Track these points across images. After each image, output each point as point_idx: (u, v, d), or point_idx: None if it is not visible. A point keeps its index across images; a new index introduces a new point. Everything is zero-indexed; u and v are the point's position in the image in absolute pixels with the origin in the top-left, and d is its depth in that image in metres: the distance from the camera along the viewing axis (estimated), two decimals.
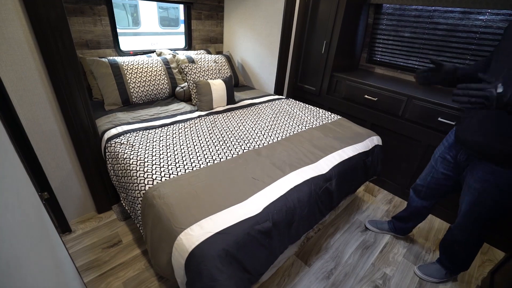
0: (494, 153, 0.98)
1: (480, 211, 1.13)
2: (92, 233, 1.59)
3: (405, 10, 2.19)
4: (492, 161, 1.01)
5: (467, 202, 1.17)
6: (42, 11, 1.14)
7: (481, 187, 1.08)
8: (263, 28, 2.49)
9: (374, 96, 2.06)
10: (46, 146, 1.38)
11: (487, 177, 1.04)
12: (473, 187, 1.11)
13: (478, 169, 1.08)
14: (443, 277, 1.45)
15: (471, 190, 1.13)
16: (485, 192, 1.07)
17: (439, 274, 1.46)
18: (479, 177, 1.08)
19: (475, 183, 1.10)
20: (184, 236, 0.91)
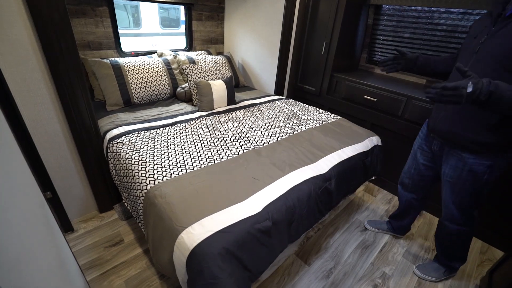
0: (463, 141, 1.04)
1: (461, 199, 1.17)
2: (94, 232, 1.60)
3: (405, 11, 2.20)
4: (462, 149, 1.06)
5: (447, 191, 1.21)
6: (45, 13, 1.16)
7: (456, 175, 1.13)
8: (264, 29, 2.51)
9: (374, 96, 2.07)
10: (49, 146, 1.40)
11: (459, 164, 1.09)
12: (449, 176, 1.16)
13: (451, 158, 1.13)
14: (441, 276, 1.47)
15: (448, 179, 1.17)
16: (461, 179, 1.12)
17: (438, 273, 1.47)
18: (452, 165, 1.13)
19: (451, 171, 1.15)
20: (186, 234, 0.92)
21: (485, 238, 1.80)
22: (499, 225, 1.70)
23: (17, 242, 0.41)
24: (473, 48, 0.99)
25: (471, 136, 1.01)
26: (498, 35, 0.90)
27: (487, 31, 0.96)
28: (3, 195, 0.43)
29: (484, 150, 1.01)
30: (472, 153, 1.04)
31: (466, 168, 1.08)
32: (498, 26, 0.92)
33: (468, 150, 1.05)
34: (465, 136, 1.03)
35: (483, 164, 1.04)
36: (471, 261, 1.65)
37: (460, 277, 1.54)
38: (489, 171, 1.04)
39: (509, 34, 0.87)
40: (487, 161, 1.03)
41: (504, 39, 0.89)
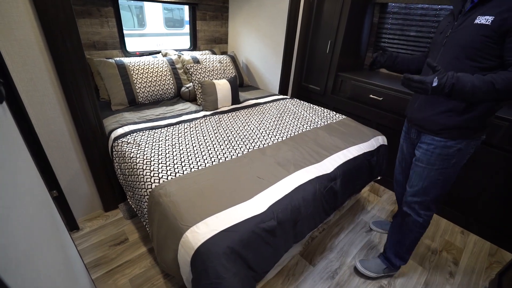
0: (434, 126, 1.13)
1: (427, 185, 1.20)
2: (99, 231, 1.61)
3: (411, 9, 2.17)
4: (434, 133, 1.14)
5: (414, 177, 1.24)
6: (52, 13, 1.17)
7: (426, 159, 1.18)
8: (268, 28, 2.50)
9: (379, 95, 2.05)
10: (55, 145, 1.41)
11: (430, 147, 1.16)
12: (419, 160, 1.21)
13: (423, 143, 1.19)
14: (380, 272, 1.45)
15: (418, 163, 1.22)
16: (429, 163, 1.17)
17: (377, 269, 1.46)
18: (424, 149, 1.19)
19: (421, 156, 1.20)
20: (190, 233, 0.92)
21: (493, 240, 1.77)
22: (509, 227, 1.67)
23: (24, 239, 0.41)
24: (441, 42, 1.10)
25: (442, 121, 1.10)
26: (460, 28, 1.02)
27: (451, 25, 1.07)
28: (10, 193, 0.43)
29: (454, 134, 1.09)
30: (443, 137, 1.11)
31: (436, 151, 1.14)
32: (460, 20, 1.03)
33: (439, 134, 1.12)
34: (436, 121, 1.12)
35: (452, 147, 1.11)
36: (479, 263, 1.62)
37: (468, 279, 1.52)
38: (457, 155, 1.12)
39: (468, 26, 0.99)
40: (457, 145, 1.10)
41: (464, 31, 1.00)
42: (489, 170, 1.64)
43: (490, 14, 0.92)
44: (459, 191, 1.81)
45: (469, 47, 0.98)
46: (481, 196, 1.72)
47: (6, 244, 0.33)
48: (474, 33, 0.96)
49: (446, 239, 1.79)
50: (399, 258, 1.41)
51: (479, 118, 1.05)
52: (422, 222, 1.28)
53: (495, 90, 0.89)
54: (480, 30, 0.94)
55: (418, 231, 1.32)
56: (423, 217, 1.27)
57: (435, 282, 1.49)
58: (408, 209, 1.30)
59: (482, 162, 1.64)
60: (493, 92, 0.89)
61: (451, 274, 1.54)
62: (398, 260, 1.42)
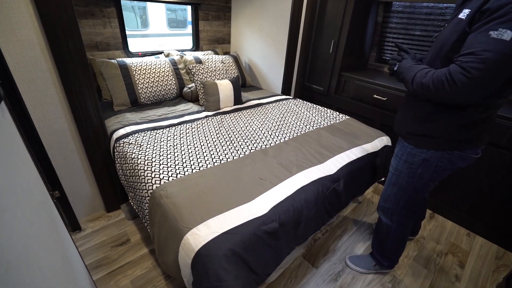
0: (402, 130, 1.09)
1: (396, 191, 1.17)
2: (101, 231, 1.61)
3: (416, 7, 2.14)
4: (403, 138, 1.10)
5: (387, 181, 1.21)
6: (54, 13, 1.17)
7: (395, 164, 1.15)
8: (270, 28, 2.49)
9: (383, 95, 2.02)
10: (57, 146, 1.41)
11: (399, 153, 1.12)
12: (391, 165, 1.18)
13: (396, 147, 1.16)
14: (371, 268, 1.44)
15: (390, 168, 1.19)
16: (397, 170, 1.13)
17: (368, 265, 1.44)
18: (396, 153, 1.16)
19: (393, 161, 1.18)
20: (191, 235, 0.91)
21: (501, 243, 1.73)
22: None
23: (17, 242, 0.40)
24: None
25: (408, 125, 1.05)
26: (448, 23, 0.93)
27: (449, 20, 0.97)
28: (6, 194, 0.42)
29: (419, 141, 1.02)
30: (410, 143, 1.06)
31: (403, 158, 1.09)
32: (453, 15, 0.93)
33: (406, 139, 1.07)
34: (404, 125, 1.07)
35: (418, 155, 1.04)
36: (486, 266, 1.59)
37: (475, 283, 1.48)
38: (423, 165, 1.04)
39: (452, 21, 0.88)
40: (421, 154, 1.03)
41: (448, 27, 0.90)
42: (497, 171, 1.61)
43: (469, 7, 0.81)
44: (465, 193, 1.77)
45: (444, 43, 0.89)
46: (488, 198, 1.69)
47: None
48: (452, 28, 0.86)
49: (451, 242, 1.76)
50: (386, 259, 1.39)
51: (449, 129, 0.94)
52: (395, 228, 1.24)
53: (421, 84, 0.86)
54: (455, 25, 0.84)
55: (394, 237, 1.28)
56: (396, 223, 1.23)
57: (441, 285, 1.46)
58: (380, 212, 1.29)
59: (489, 163, 1.61)
60: (419, 86, 0.87)
61: (457, 277, 1.51)
62: (386, 261, 1.40)
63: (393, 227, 1.25)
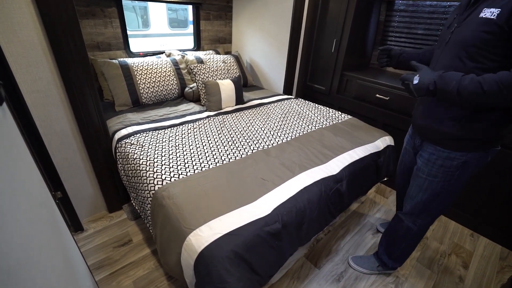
0: (436, 135, 1.03)
1: (427, 197, 1.13)
2: (103, 232, 1.61)
3: (419, 6, 2.13)
4: (436, 143, 1.05)
5: (415, 186, 1.17)
6: (55, 14, 1.16)
7: (427, 169, 1.09)
8: (272, 28, 2.47)
9: (386, 95, 2.01)
10: (59, 146, 1.41)
11: (432, 158, 1.07)
12: (421, 170, 1.12)
13: (425, 152, 1.10)
14: (374, 269, 1.44)
15: (419, 173, 1.13)
16: (431, 175, 1.09)
17: (371, 266, 1.44)
18: (425, 158, 1.10)
19: (423, 166, 1.11)
20: (193, 236, 0.90)
21: (505, 243, 1.71)
22: None
23: (18, 245, 0.39)
24: (445, 38, 0.99)
25: (444, 130, 0.99)
26: (465, 23, 0.90)
27: (457, 20, 0.95)
28: (7, 197, 0.41)
29: (457, 145, 0.98)
30: (446, 147, 1.01)
31: (438, 162, 1.05)
32: (467, 13, 0.91)
33: (442, 144, 1.02)
34: (439, 130, 1.01)
35: (456, 159, 1.00)
36: (490, 267, 1.58)
37: (479, 284, 1.47)
38: (462, 167, 1.01)
39: (472, 20, 0.86)
40: (461, 157, 0.99)
41: (467, 26, 0.88)
42: (503, 172, 1.59)
43: (496, 6, 0.79)
44: (469, 193, 1.76)
45: (469, 45, 0.86)
46: (493, 198, 1.67)
47: None
48: (475, 28, 0.84)
49: (455, 242, 1.74)
50: (393, 260, 1.38)
51: (489, 129, 0.92)
52: (416, 231, 1.23)
53: (483, 92, 0.78)
54: (482, 25, 0.82)
55: (411, 239, 1.27)
56: (419, 226, 1.21)
57: (444, 286, 1.45)
58: (403, 215, 1.26)
59: (495, 164, 1.59)
60: (481, 95, 0.79)
61: (460, 278, 1.50)
62: (391, 262, 1.39)
63: (414, 229, 1.22)
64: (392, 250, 1.36)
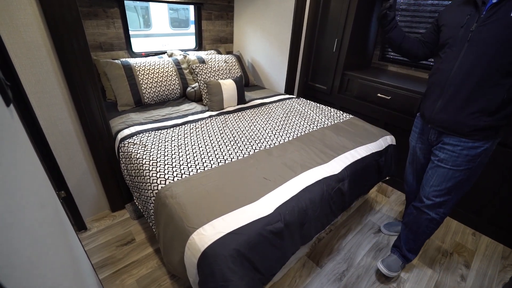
0: (463, 128, 1.08)
1: (451, 185, 1.18)
2: (106, 231, 1.62)
3: (420, 5, 2.12)
4: (461, 135, 1.10)
5: (436, 177, 1.22)
6: (59, 14, 1.18)
7: (452, 160, 1.15)
8: (273, 27, 2.48)
9: (388, 94, 2.01)
10: (63, 146, 1.43)
11: (457, 149, 1.13)
12: (444, 161, 1.18)
13: (448, 144, 1.16)
14: (399, 270, 1.45)
15: (443, 164, 1.18)
16: (456, 164, 1.14)
17: (397, 267, 1.44)
18: (449, 150, 1.15)
19: (447, 157, 1.17)
20: (197, 235, 0.91)
21: (507, 242, 1.72)
22: None
23: (27, 244, 0.40)
24: (464, 37, 1.02)
25: (472, 123, 1.06)
26: (490, 22, 0.94)
27: (475, 18, 0.99)
28: (17, 198, 0.42)
29: (483, 134, 1.06)
30: (471, 138, 1.09)
31: (464, 153, 1.12)
32: (489, 12, 0.94)
33: (468, 136, 1.09)
34: (466, 123, 1.07)
35: (480, 147, 1.09)
36: (492, 266, 1.58)
37: (481, 283, 1.47)
38: (483, 154, 1.10)
39: (502, 19, 0.90)
40: (484, 145, 1.08)
41: (498, 24, 0.92)
42: (504, 171, 1.59)
43: None
44: (471, 192, 1.76)
45: (504, 43, 0.91)
46: (495, 197, 1.67)
47: (11, 251, 0.33)
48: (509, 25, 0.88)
49: (457, 241, 1.75)
50: (412, 252, 1.43)
51: (507, 116, 1.03)
52: (438, 220, 1.29)
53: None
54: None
55: (433, 228, 1.32)
56: (441, 215, 1.27)
57: (446, 285, 1.45)
58: (426, 209, 1.29)
59: (497, 163, 1.59)
60: None
61: (462, 277, 1.50)
62: (411, 255, 1.43)
63: (437, 219, 1.28)
64: (414, 243, 1.40)
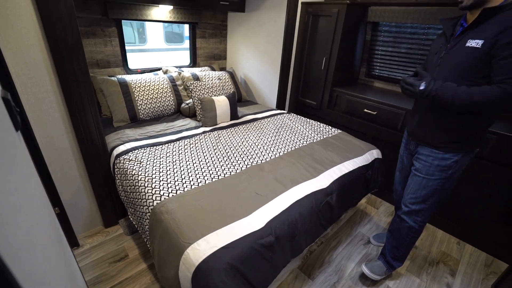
0: (434, 140, 1.21)
1: (425, 194, 1.28)
2: (99, 247, 1.62)
3: (401, 27, 2.28)
4: (433, 147, 1.23)
5: (413, 185, 1.32)
6: (61, 36, 1.24)
7: (425, 170, 1.26)
8: (265, 45, 2.60)
9: (374, 110, 2.12)
10: (59, 163, 1.45)
11: (429, 159, 1.24)
12: (419, 171, 1.29)
13: (422, 154, 1.28)
14: (383, 274, 1.51)
15: (418, 173, 1.30)
16: (428, 173, 1.25)
17: (381, 271, 1.51)
18: (423, 160, 1.27)
19: (421, 166, 1.28)
20: (191, 250, 0.95)
21: (489, 250, 1.79)
22: (503, 237, 1.70)
23: (31, 259, 0.44)
24: (435, 63, 1.19)
25: (441, 136, 1.18)
26: (453, 50, 1.11)
27: (444, 48, 1.16)
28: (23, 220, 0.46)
29: (452, 147, 1.18)
30: (441, 150, 1.20)
31: (435, 163, 1.23)
32: (452, 43, 1.13)
33: (437, 147, 1.21)
34: (435, 136, 1.20)
35: (450, 159, 1.19)
36: (476, 274, 1.64)
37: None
38: (454, 166, 1.20)
39: (460, 48, 1.08)
40: (454, 157, 1.19)
41: (457, 53, 1.09)
42: (482, 181, 1.69)
43: (480, 38, 1.02)
44: (455, 202, 1.85)
45: (462, 68, 1.07)
46: (475, 207, 1.76)
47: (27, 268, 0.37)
48: (466, 55, 1.06)
49: (442, 250, 1.81)
50: (397, 261, 1.49)
51: (475, 133, 1.14)
52: (417, 228, 1.36)
53: (472, 102, 1.00)
54: (471, 53, 1.04)
55: (413, 236, 1.39)
56: (419, 223, 1.35)
57: None
58: (404, 215, 1.38)
59: (475, 174, 1.69)
60: (470, 103, 1.00)
61: (448, 286, 1.56)
62: (396, 263, 1.49)
63: (415, 227, 1.36)
64: (397, 250, 1.47)
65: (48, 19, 1.18)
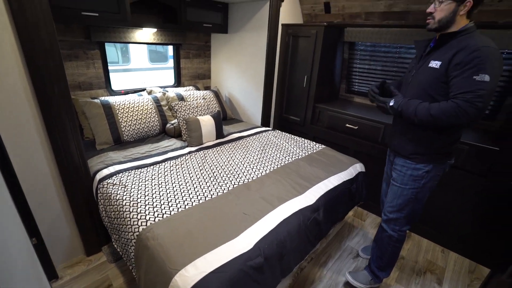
0: (405, 152, 1.30)
1: (401, 202, 1.34)
2: (80, 278, 1.54)
3: (375, 46, 2.43)
4: (405, 157, 1.31)
5: (391, 195, 1.39)
6: (41, 61, 1.22)
7: (400, 179, 1.34)
8: (248, 64, 2.67)
9: (355, 124, 2.20)
10: (37, 190, 1.39)
11: (403, 169, 1.32)
12: (395, 180, 1.37)
13: (397, 165, 1.36)
14: (367, 283, 1.54)
15: (394, 183, 1.37)
16: (403, 183, 1.33)
17: (365, 280, 1.55)
18: (398, 170, 1.35)
19: (396, 176, 1.36)
20: (179, 277, 0.93)
21: (471, 257, 1.86)
22: (483, 242, 1.77)
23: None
24: (408, 80, 1.30)
25: (411, 147, 1.27)
26: (420, 70, 1.22)
27: (416, 67, 1.27)
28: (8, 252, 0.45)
29: (422, 158, 1.25)
30: (413, 161, 1.28)
31: (408, 173, 1.30)
32: (421, 62, 1.23)
33: (410, 158, 1.29)
34: (407, 147, 1.29)
35: (421, 169, 1.27)
36: (461, 281, 1.69)
37: None
38: (426, 176, 1.27)
39: (425, 69, 1.19)
40: (425, 168, 1.26)
41: (422, 72, 1.20)
42: (461, 190, 1.78)
43: (439, 60, 1.12)
44: (437, 211, 1.92)
45: (425, 86, 1.18)
46: (457, 215, 1.84)
47: None
48: (428, 74, 1.16)
49: (428, 259, 1.86)
50: (382, 271, 1.52)
51: (444, 146, 1.21)
52: (397, 237, 1.40)
53: (430, 115, 1.09)
54: (432, 73, 1.15)
55: (394, 245, 1.43)
56: (398, 232, 1.39)
57: None
58: (384, 224, 1.43)
59: (453, 183, 1.78)
60: (429, 117, 1.09)
61: None
62: (381, 273, 1.52)
63: (395, 236, 1.40)
64: (380, 260, 1.49)
65: (29, 43, 1.17)
